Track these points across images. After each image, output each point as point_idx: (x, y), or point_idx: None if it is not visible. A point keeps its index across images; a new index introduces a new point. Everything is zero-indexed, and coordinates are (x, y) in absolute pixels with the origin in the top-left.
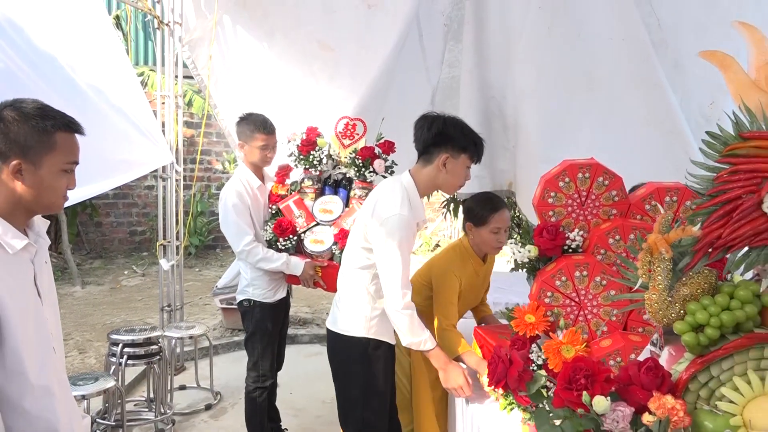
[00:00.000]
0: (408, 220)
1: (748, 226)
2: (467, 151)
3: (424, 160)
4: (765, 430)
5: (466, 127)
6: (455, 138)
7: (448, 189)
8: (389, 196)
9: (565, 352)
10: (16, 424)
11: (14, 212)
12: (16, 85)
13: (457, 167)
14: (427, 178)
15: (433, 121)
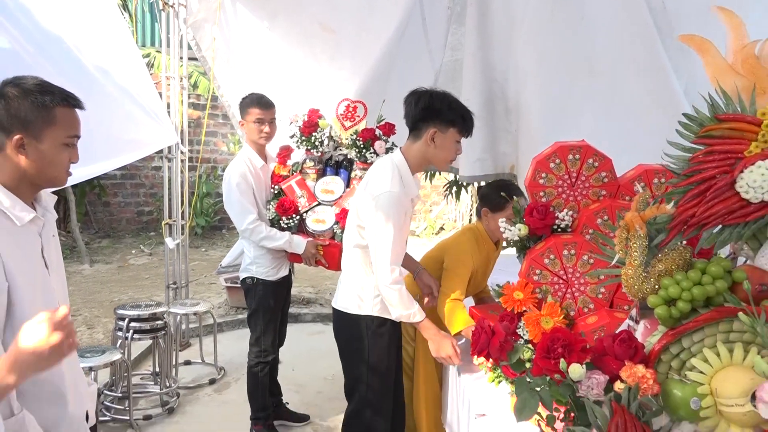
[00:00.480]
0: (399, 197)
1: (721, 205)
2: (455, 125)
3: (413, 136)
4: (729, 397)
5: (454, 101)
6: (442, 112)
7: (439, 164)
8: (380, 174)
9: (544, 323)
10: (25, 388)
11: (20, 186)
12: (22, 67)
13: (446, 141)
14: (418, 154)
15: (421, 96)
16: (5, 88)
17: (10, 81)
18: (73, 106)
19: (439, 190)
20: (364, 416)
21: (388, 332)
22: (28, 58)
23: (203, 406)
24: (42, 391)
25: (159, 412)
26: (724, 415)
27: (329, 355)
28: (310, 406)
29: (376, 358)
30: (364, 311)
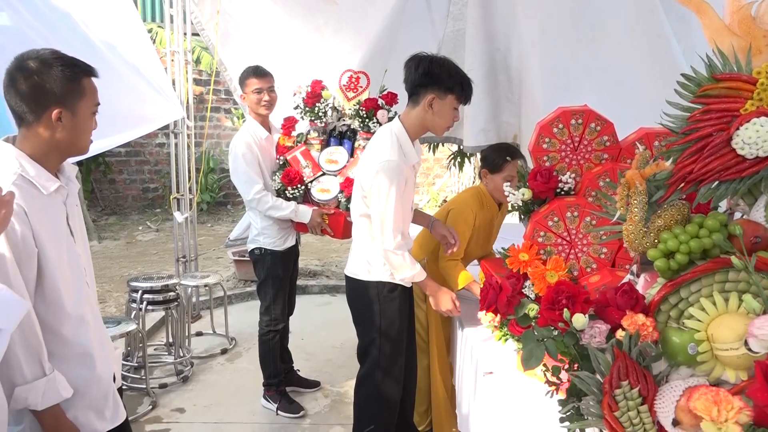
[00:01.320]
0: (398, 165)
1: (717, 162)
2: (453, 92)
3: (412, 102)
4: (724, 342)
5: (453, 67)
6: (441, 78)
7: (437, 130)
8: (379, 143)
9: (549, 277)
10: (55, 349)
11: (48, 157)
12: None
13: (444, 108)
14: (416, 120)
15: (420, 61)
16: (26, 63)
17: (29, 56)
18: (93, 74)
19: (442, 163)
20: (375, 378)
21: (399, 297)
22: (33, 35)
23: (216, 375)
24: (71, 352)
25: (174, 380)
26: (720, 359)
27: (337, 324)
28: (321, 373)
29: (387, 322)
30: (374, 277)
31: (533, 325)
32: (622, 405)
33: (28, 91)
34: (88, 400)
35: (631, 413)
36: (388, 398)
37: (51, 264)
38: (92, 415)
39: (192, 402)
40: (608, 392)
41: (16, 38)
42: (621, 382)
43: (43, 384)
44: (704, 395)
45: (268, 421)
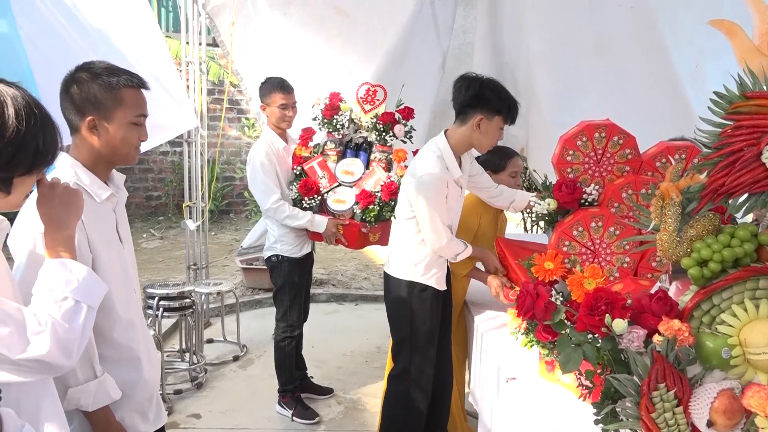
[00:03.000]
0: (439, 178)
1: (748, 175)
2: (501, 113)
3: (460, 120)
4: (756, 346)
5: (503, 90)
6: (491, 100)
7: (481, 148)
8: (424, 157)
9: (587, 284)
10: (106, 352)
11: (97, 165)
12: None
13: (491, 128)
14: (462, 138)
15: (471, 82)
16: (78, 73)
17: (82, 66)
18: (138, 86)
19: None
20: (405, 379)
21: (430, 298)
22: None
23: (230, 381)
24: (121, 355)
25: (188, 387)
26: (752, 363)
27: (346, 332)
28: (333, 380)
29: (419, 322)
30: (408, 277)
31: (568, 330)
32: (659, 407)
33: (74, 98)
34: (135, 403)
35: (667, 415)
36: (414, 402)
37: (104, 270)
38: (137, 417)
39: (207, 408)
40: (646, 394)
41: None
42: (658, 384)
43: (95, 386)
44: (758, 393)
45: (283, 427)
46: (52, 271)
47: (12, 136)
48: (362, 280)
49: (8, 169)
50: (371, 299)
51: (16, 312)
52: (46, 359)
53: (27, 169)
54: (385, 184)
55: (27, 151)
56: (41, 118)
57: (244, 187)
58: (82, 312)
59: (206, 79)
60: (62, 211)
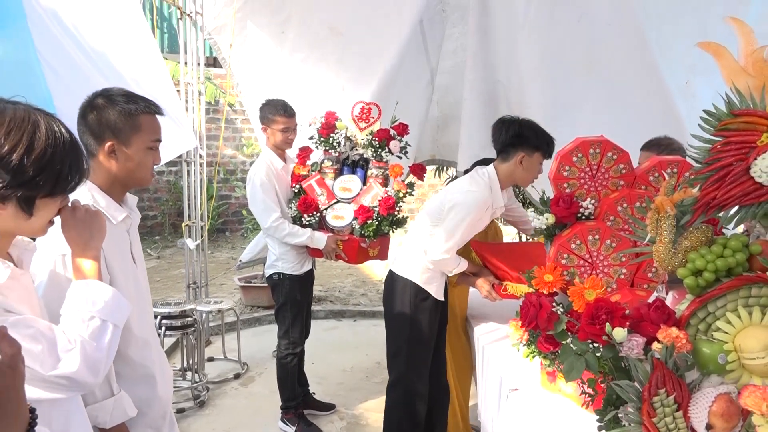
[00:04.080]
0: (484, 201)
1: (738, 188)
2: (540, 149)
3: (502, 158)
4: (751, 351)
5: (539, 129)
6: (530, 138)
7: (524, 183)
8: (477, 179)
9: (588, 295)
10: (122, 370)
11: (113, 188)
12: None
13: (532, 164)
14: (506, 173)
15: (510, 124)
16: (96, 100)
17: (99, 93)
18: (154, 112)
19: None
20: (400, 388)
21: (430, 308)
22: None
23: (232, 399)
24: (136, 373)
25: (191, 405)
26: (747, 367)
27: (345, 348)
28: (334, 396)
29: (417, 331)
30: (413, 279)
31: (571, 339)
32: (660, 411)
33: (92, 124)
34: (149, 419)
35: (667, 419)
36: (413, 410)
37: (120, 290)
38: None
39: (211, 426)
40: (647, 399)
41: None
42: (659, 390)
43: (112, 403)
44: (753, 393)
45: None
46: (80, 292)
47: (39, 156)
48: (360, 296)
49: (30, 188)
50: (369, 315)
51: (48, 330)
52: (75, 376)
53: (49, 192)
54: (382, 199)
55: (51, 173)
56: (71, 144)
57: (240, 206)
58: (108, 331)
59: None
60: (86, 232)
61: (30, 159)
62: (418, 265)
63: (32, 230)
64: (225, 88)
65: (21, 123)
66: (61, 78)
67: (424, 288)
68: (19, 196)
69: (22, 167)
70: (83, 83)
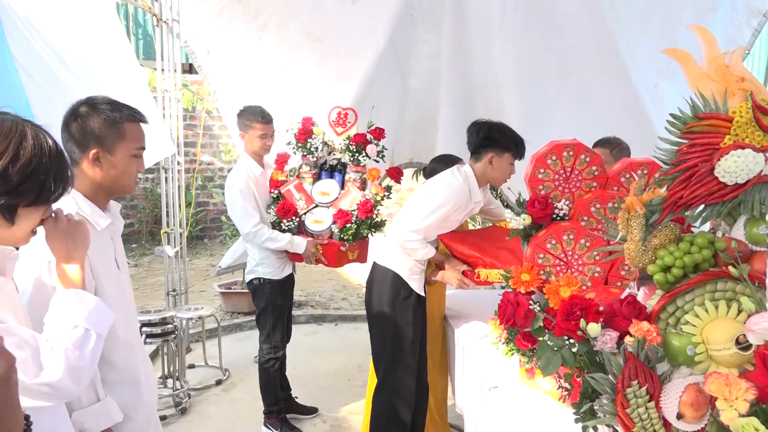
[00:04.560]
0: (464, 192)
1: (703, 188)
2: (509, 150)
3: (474, 159)
4: (717, 343)
5: (509, 131)
6: (499, 140)
7: (496, 182)
8: (457, 175)
9: (563, 292)
10: (108, 375)
11: (97, 195)
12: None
13: (502, 164)
14: (479, 173)
15: (481, 126)
16: (80, 108)
17: (84, 101)
18: (138, 120)
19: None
20: (389, 389)
21: (413, 306)
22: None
23: (214, 405)
24: (121, 378)
25: (173, 412)
26: (714, 358)
27: (327, 352)
28: (317, 399)
29: (400, 331)
30: (397, 270)
31: (547, 336)
32: (633, 402)
33: (75, 132)
34: (134, 424)
35: (640, 410)
36: (398, 413)
37: (106, 295)
38: None
39: None
40: (621, 391)
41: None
42: (631, 381)
43: (98, 409)
44: (717, 379)
45: None
46: (64, 301)
47: (23, 166)
48: (340, 300)
49: (13, 196)
50: (350, 319)
51: (31, 338)
52: (58, 385)
53: (32, 201)
54: (360, 203)
55: (35, 182)
56: (56, 155)
57: (219, 212)
58: (92, 340)
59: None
60: (70, 242)
61: (15, 168)
62: (400, 257)
63: (14, 239)
64: (202, 95)
65: (8, 133)
66: (39, 86)
67: (406, 282)
68: (1, 204)
69: (6, 176)
70: (62, 91)
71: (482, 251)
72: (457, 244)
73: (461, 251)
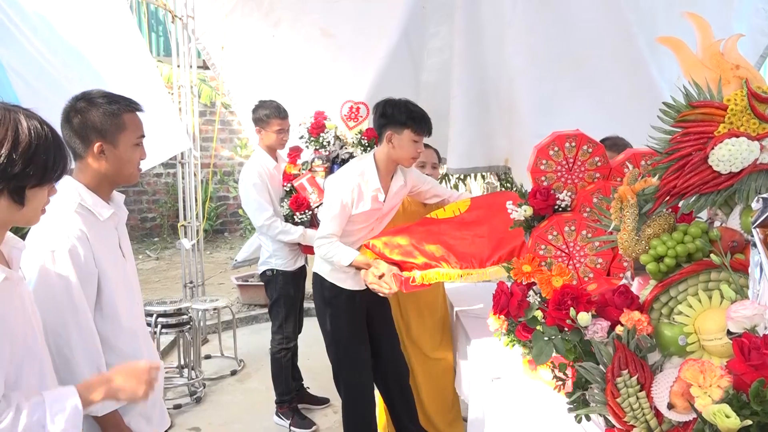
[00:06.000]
0: (348, 183)
1: (696, 177)
2: (407, 126)
3: (379, 141)
4: (709, 333)
5: (407, 105)
6: (394, 116)
7: (403, 162)
8: (351, 165)
9: (555, 282)
10: (112, 360)
11: (100, 186)
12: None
13: (403, 141)
14: (383, 155)
15: (378, 106)
16: (77, 103)
17: (80, 96)
18: (135, 110)
19: None
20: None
21: (343, 303)
22: (55, 74)
23: (228, 395)
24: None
25: (188, 401)
26: (706, 348)
27: None
28: (328, 390)
29: (334, 328)
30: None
31: (541, 325)
32: (623, 392)
33: (77, 127)
34: (140, 408)
35: (631, 399)
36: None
37: (109, 283)
38: (143, 421)
39: (207, 421)
40: (611, 380)
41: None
42: (621, 371)
43: None
44: (692, 366)
45: None
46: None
47: (25, 149)
48: None
49: (20, 179)
50: None
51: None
52: None
53: (38, 181)
54: None
55: (38, 164)
56: (51, 134)
57: (238, 206)
58: None
59: (198, 101)
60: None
61: (17, 153)
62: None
63: (26, 219)
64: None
65: (3, 120)
66: (29, 84)
67: (335, 284)
68: (10, 188)
69: (11, 161)
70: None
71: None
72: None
73: (390, 259)
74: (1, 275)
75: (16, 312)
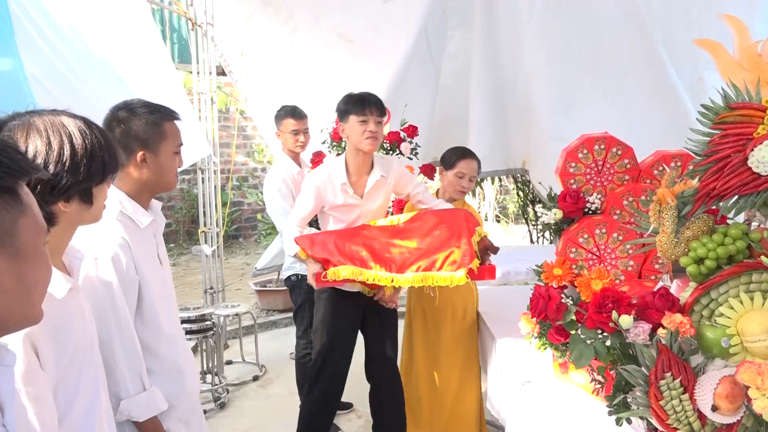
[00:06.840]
0: (317, 175)
1: (736, 179)
2: (350, 112)
3: None
4: (753, 334)
5: (350, 94)
6: (339, 109)
7: (360, 145)
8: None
9: (594, 285)
10: (153, 366)
11: (141, 195)
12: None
13: (352, 129)
14: (349, 149)
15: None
16: (118, 113)
17: (121, 106)
18: (174, 118)
19: None
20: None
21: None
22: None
23: (251, 401)
24: (166, 368)
25: (212, 407)
26: (749, 350)
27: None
28: (352, 395)
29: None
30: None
31: (579, 329)
32: (666, 395)
33: (119, 137)
34: (179, 413)
35: (674, 402)
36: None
37: (149, 290)
38: (182, 426)
39: (232, 426)
40: (654, 383)
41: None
42: (665, 374)
43: (144, 398)
44: (749, 368)
45: None
46: None
47: (83, 150)
48: None
49: (88, 180)
50: None
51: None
52: None
53: (102, 178)
54: (395, 200)
55: (98, 161)
56: (99, 131)
57: (253, 212)
58: None
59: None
60: None
61: (78, 156)
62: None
63: (94, 217)
64: (236, 96)
65: (53, 127)
66: (50, 92)
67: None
68: (80, 191)
69: (75, 164)
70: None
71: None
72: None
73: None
74: (67, 285)
75: (78, 321)
